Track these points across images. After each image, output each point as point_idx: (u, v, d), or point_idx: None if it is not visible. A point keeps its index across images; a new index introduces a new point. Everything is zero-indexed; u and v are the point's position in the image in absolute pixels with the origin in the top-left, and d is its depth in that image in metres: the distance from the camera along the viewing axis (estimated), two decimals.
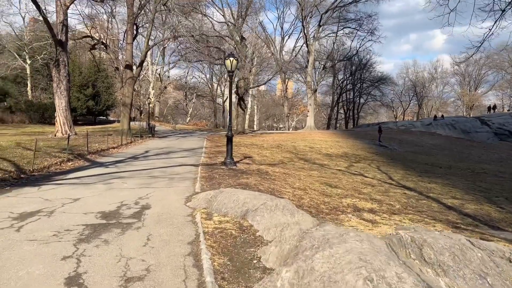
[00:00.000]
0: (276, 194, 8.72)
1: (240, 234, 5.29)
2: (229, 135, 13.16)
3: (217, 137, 33.57)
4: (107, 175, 10.96)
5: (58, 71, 23.71)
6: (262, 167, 14.11)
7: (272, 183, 10.35)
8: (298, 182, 11.56)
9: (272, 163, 16.78)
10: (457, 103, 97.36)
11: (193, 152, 19.18)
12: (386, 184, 13.85)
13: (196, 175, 11.18)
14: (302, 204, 8.13)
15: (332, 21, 58.64)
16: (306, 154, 22.92)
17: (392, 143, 37.55)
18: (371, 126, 64.80)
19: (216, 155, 17.25)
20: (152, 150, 19.90)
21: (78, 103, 50.75)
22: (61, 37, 23.73)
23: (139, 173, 11.53)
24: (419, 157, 29.35)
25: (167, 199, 7.81)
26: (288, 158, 19.98)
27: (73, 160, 13.90)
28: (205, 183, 9.66)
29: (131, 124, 31.58)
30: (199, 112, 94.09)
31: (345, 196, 10.15)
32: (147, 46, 28.02)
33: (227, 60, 12.70)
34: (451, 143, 45.00)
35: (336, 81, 77.74)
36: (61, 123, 24.01)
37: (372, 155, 26.92)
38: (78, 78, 51.40)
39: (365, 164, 20.86)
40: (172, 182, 9.97)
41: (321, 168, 17.11)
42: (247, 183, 9.76)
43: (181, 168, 12.73)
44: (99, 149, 18.05)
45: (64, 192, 8.41)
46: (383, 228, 6.27)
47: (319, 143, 31.14)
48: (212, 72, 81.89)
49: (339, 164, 19.63)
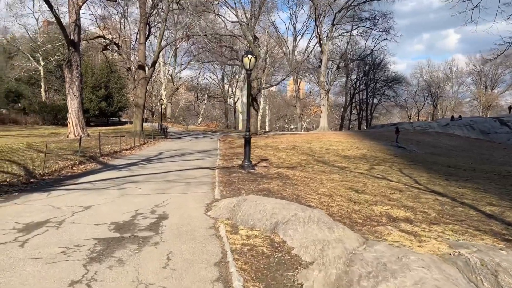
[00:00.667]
0: (302, 202, 8.01)
1: (273, 253, 4.59)
2: (246, 137, 12.49)
3: (230, 138, 32.96)
4: (120, 179, 10.38)
5: (70, 72, 23.36)
6: (281, 171, 13.40)
7: (295, 189, 9.64)
8: (322, 187, 10.83)
9: (290, 166, 16.06)
10: (472, 103, 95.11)
11: (207, 154, 18.57)
12: (414, 188, 13.01)
13: (214, 179, 10.53)
14: (332, 213, 7.40)
15: (345, 20, 57.61)
16: (324, 156, 22.14)
17: (409, 144, 36.45)
18: (385, 127, 63.55)
19: (232, 158, 16.60)
20: (166, 152, 19.35)
21: (90, 104, 50.75)
22: (74, 37, 23.38)
23: (154, 177, 10.92)
24: (439, 159, 28.28)
25: (185, 207, 7.16)
26: (305, 160, 19.23)
27: (85, 163, 13.38)
28: (225, 189, 9.00)
29: (143, 125, 31.19)
30: (210, 113, 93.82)
31: (375, 203, 9.38)
32: (160, 46, 27.55)
33: (245, 58, 12.03)
34: (470, 144, 43.64)
35: (349, 81, 76.57)
36: (74, 124, 23.65)
37: (391, 157, 25.98)
38: (91, 79, 51.42)
39: (386, 167, 19.99)
40: (189, 187, 9.32)
41: (341, 171, 16.33)
42: (269, 189, 9.06)
43: (197, 172, 12.10)
44: (111, 151, 17.56)
45: (75, 198, 7.82)
46: (433, 244, 5.50)
47: (335, 144, 30.28)
48: (224, 73, 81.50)
49: (360, 167, 18.81)
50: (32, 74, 51.96)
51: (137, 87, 27.17)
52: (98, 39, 29.33)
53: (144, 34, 27.32)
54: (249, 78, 12.37)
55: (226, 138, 33.03)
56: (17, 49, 52.12)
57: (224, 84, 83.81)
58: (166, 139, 29.99)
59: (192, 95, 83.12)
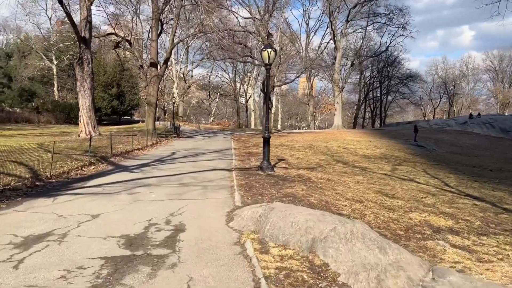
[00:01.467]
0: (333, 210, 7.17)
1: (316, 280, 3.76)
2: (265, 136, 11.67)
3: (243, 137, 32.20)
4: (131, 182, 9.67)
5: (81, 69, 22.83)
6: (302, 172, 12.56)
7: (322, 194, 8.79)
8: (349, 191, 9.96)
9: (310, 166, 15.20)
10: (489, 101, 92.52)
11: (222, 154, 17.81)
12: (446, 192, 12.04)
13: (232, 182, 9.74)
14: (369, 223, 6.55)
15: (360, 16, 56.32)
16: (342, 156, 21.21)
17: (428, 143, 35.24)
18: (401, 125, 62.11)
19: (248, 158, 15.80)
20: (179, 151, 18.66)
21: (103, 102, 50.53)
22: (85, 34, 22.84)
23: (168, 179, 10.18)
24: (461, 158, 27.10)
25: (204, 217, 6.38)
26: (324, 160, 18.34)
27: (95, 164, 12.73)
28: (245, 194, 8.20)
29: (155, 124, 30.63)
30: (221, 111, 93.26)
31: (410, 210, 8.48)
32: (172, 43, 26.88)
33: (264, 52, 11.20)
34: (491, 142, 42.14)
35: (363, 79, 75.12)
36: (85, 123, 23.13)
37: (412, 156, 24.91)
38: (103, 77, 51.18)
39: (409, 167, 18.98)
40: (206, 192, 8.54)
41: (364, 172, 15.40)
42: (294, 194, 8.24)
43: (213, 174, 11.32)
44: (123, 151, 16.92)
45: (82, 205, 7.11)
46: (501, 266, 4.61)
47: (352, 143, 29.28)
48: (235, 71, 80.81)
49: (382, 167, 17.85)
50: (45, 73, 51.95)
51: (149, 85, 26.56)
52: (110, 37, 28.78)
53: (156, 31, 26.67)
54: (268, 74, 11.54)
55: (240, 137, 32.28)
56: (30, 48, 52.16)
57: (236, 82, 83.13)
58: (179, 138, 29.37)
59: (204, 94, 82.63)
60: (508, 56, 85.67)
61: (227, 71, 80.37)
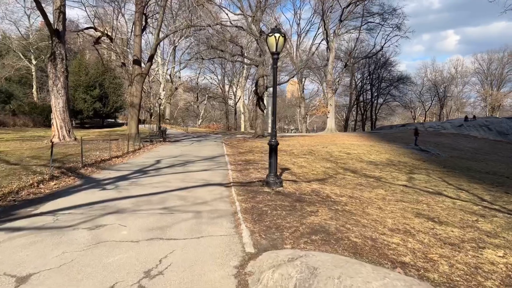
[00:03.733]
0: (389, 256, 4.88)
1: None
2: (273, 143, 9.31)
3: (235, 141, 29.85)
4: (99, 206, 7.24)
5: (54, 66, 20.22)
6: (315, 187, 10.27)
7: (357, 223, 6.49)
8: (385, 215, 7.70)
9: (319, 177, 12.94)
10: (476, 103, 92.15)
11: (215, 162, 15.41)
12: (491, 210, 9.88)
13: (233, 205, 7.39)
14: (450, 281, 4.29)
15: (353, 16, 54.70)
16: (347, 163, 19.03)
17: (428, 146, 33.38)
18: (394, 128, 60.56)
19: (247, 168, 13.45)
20: (165, 159, 16.20)
21: (84, 105, 47.67)
22: (58, 26, 20.25)
23: (148, 201, 7.77)
24: (470, 164, 25.22)
25: (200, 279, 4.02)
26: (331, 169, 16.10)
27: (58, 178, 10.21)
28: (255, 227, 5.86)
29: (140, 127, 28.08)
30: (209, 114, 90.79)
31: (477, 245, 6.24)
32: (158, 38, 24.39)
33: (270, 38, 8.90)
34: (491, 146, 40.64)
35: (354, 81, 73.61)
36: (58, 126, 20.51)
37: (419, 162, 22.90)
38: (85, 78, 48.31)
39: (423, 176, 16.88)
40: (200, 224, 6.15)
41: (381, 183, 13.20)
42: (324, 227, 5.93)
43: (207, 191, 8.93)
44: (98, 160, 14.40)
45: (12, 253, 4.67)
46: None
47: (353, 147, 27.20)
48: (224, 72, 78.55)
49: (396, 176, 15.70)
50: (24, 73, 48.85)
51: (132, 84, 24.04)
52: (89, 31, 26.17)
53: (140, 25, 24.16)
54: (276, 65, 9.23)
55: (231, 141, 29.91)
56: (7, 47, 49.05)
57: (225, 84, 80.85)
58: (165, 143, 26.85)
59: (191, 96, 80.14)
60: (497, 59, 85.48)
61: (216, 72, 78.15)
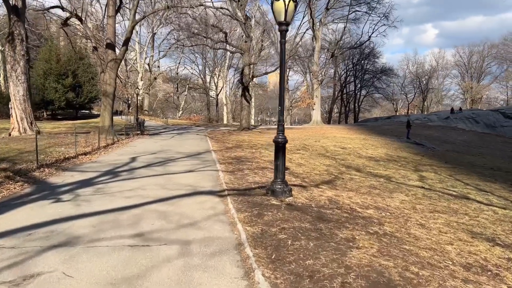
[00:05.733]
0: None
1: None
2: (280, 141, 7.23)
3: (219, 135, 27.66)
4: (43, 232, 5.05)
5: (12, 48, 17.52)
6: (328, 194, 8.31)
7: (418, 259, 4.56)
8: (436, 238, 5.79)
9: (324, 178, 11.00)
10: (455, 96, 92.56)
11: (201, 160, 13.25)
12: None
13: (235, 229, 5.31)
14: None
15: (340, 5, 52.91)
16: (346, 159, 17.20)
17: (420, 139, 32.10)
18: (380, 120, 59.51)
19: (239, 167, 11.36)
20: (141, 156, 13.93)
21: (55, 94, 44.34)
22: (16, 1, 17.51)
23: (115, 222, 5.62)
24: (470, 159, 23.96)
25: None
26: (333, 167, 14.21)
27: (1, 185, 7.89)
28: (277, 277, 3.82)
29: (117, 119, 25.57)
30: (190, 106, 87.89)
31: None
32: (134, 19, 21.82)
33: (277, 2, 6.79)
34: (481, 139, 39.75)
35: (337, 72, 72.18)
36: (18, 118, 17.88)
37: (419, 157, 21.37)
38: (56, 65, 44.94)
39: (432, 174, 15.23)
40: (190, 272, 4.02)
41: (395, 184, 11.38)
42: (378, 272, 3.96)
43: (195, 204, 6.81)
44: (60, 158, 12.03)
45: None
46: None
47: (346, 141, 25.50)
48: (205, 63, 75.74)
49: (405, 175, 13.96)
50: None
51: (105, 71, 21.49)
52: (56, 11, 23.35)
53: (114, 5, 21.52)
54: (284, 39, 7.14)
55: (215, 134, 27.70)
56: None
57: (206, 75, 78.09)
58: (143, 136, 24.43)
59: (171, 87, 77.08)
60: (477, 52, 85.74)
61: (197, 62, 75.35)
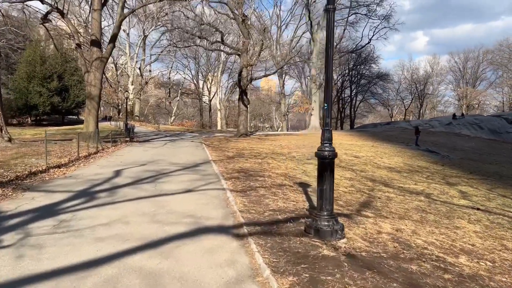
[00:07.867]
0: None
1: None
2: (327, 155, 4.93)
3: (216, 141, 25.29)
4: None
5: None
6: (385, 228, 6.03)
7: None
8: None
9: (359, 199, 8.73)
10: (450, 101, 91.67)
11: (200, 174, 10.85)
12: None
13: None
14: None
15: (339, 7, 51.15)
16: (365, 170, 14.96)
17: (428, 146, 30.11)
18: (379, 126, 57.61)
19: (252, 186, 9.00)
20: (128, 169, 11.50)
21: (40, 99, 41.62)
22: None
23: None
24: (488, 167, 22.00)
25: None
26: (357, 180, 11.94)
27: None
28: None
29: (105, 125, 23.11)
30: (182, 111, 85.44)
31: None
32: (122, 13, 19.49)
33: None
34: (489, 146, 37.93)
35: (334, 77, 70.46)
36: None
37: (439, 167, 19.25)
38: (40, 68, 42.29)
39: (468, 187, 13.10)
40: None
41: (442, 205, 9.15)
42: None
43: (202, 253, 4.46)
44: (25, 173, 9.57)
45: None
46: None
47: (355, 149, 23.30)
48: (198, 67, 73.50)
49: (442, 191, 11.75)
50: None
51: (89, 71, 19.11)
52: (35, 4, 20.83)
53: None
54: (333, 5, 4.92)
55: (212, 141, 25.30)
56: None
57: (199, 80, 75.81)
58: (132, 143, 21.96)
59: (163, 92, 74.57)
60: (473, 58, 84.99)
61: (189, 67, 73.06)
